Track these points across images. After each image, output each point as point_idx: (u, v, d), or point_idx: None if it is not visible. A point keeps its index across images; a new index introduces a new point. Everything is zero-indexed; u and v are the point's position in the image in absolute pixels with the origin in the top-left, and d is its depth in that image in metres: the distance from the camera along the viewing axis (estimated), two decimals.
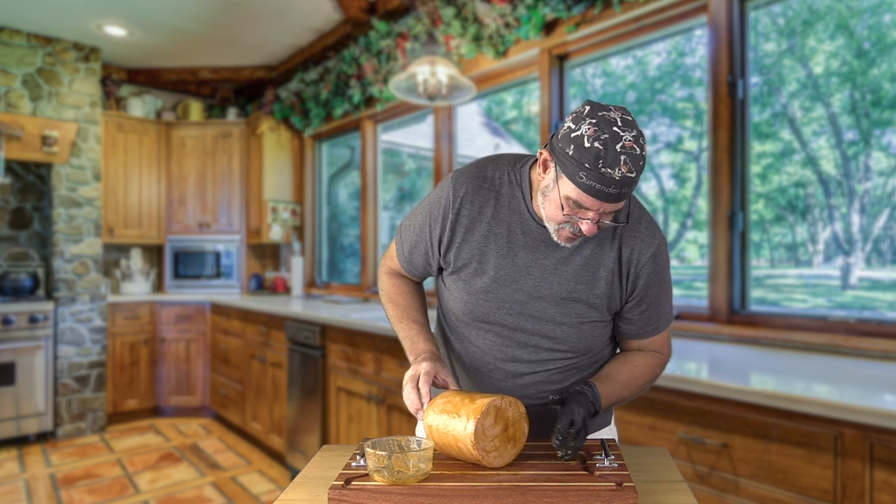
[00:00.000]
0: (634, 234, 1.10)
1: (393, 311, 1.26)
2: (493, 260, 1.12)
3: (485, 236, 1.12)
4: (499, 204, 1.13)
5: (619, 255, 1.10)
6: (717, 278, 2.21)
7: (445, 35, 3.16)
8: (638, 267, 1.10)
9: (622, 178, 0.93)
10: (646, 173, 3.03)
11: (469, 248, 1.13)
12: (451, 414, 0.97)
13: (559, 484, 0.89)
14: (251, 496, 3.19)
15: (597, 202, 0.96)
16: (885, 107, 2.12)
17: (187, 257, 4.99)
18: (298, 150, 4.95)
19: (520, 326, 1.13)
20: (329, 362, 3.13)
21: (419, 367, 1.07)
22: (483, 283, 1.13)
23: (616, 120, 0.94)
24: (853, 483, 1.31)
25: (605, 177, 0.92)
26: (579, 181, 0.95)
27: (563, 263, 1.10)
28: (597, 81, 3.16)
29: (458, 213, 1.13)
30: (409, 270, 1.28)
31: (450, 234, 1.14)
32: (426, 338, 1.18)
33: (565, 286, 1.10)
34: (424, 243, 1.20)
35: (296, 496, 0.95)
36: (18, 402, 3.99)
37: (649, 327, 1.17)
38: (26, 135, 4.06)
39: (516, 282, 1.11)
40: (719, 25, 2.21)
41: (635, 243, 1.10)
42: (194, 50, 4.50)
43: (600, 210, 0.97)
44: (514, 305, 1.12)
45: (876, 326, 1.84)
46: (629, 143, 0.93)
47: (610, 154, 0.92)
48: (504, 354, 1.15)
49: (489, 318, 1.14)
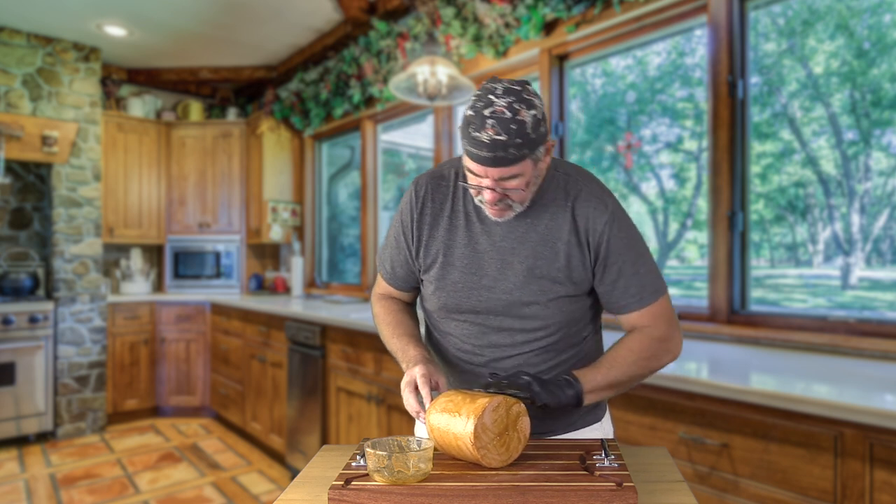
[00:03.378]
0: (586, 203, 1.13)
1: (385, 329, 1.29)
2: (457, 251, 1.17)
3: (447, 230, 1.19)
4: (456, 198, 1.20)
5: (574, 225, 1.13)
6: (717, 278, 2.21)
7: (445, 35, 3.16)
8: (596, 234, 1.12)
9: (491, 140, 0.98)
10: (645, 173, 3.03)
11: (435, 244, 1.20)
12: (452, 413, 0.97)
13: (559, 484, 0.89)
14: (251, 496, 3.19)
15: (480, 167, 1.02)
16: (885, 107, 2.12)
17: (187, 257, 4.99)
18: (298, 150, 4.95)
19: (491, 310, 1.16)
20: (329, 362, 3.13)
21: (412, 371, 1.09)
22: (452, 275, 1.18)
23: (495, 89, 1.01)
24: (853, 483, 1.31)
25: (476, 140, 0.99)
26: (464, 149, 1.03)
27: (520, 243, 1.14)
28: (597, 81, 3.16)
29: (421, 212, 1.20)
30: (396, 286, 1.32)
31: (418, 234, 1.21)
32: (416, 344, 1.20)
33: (526, 264, 1.13)
34: (403, 253, 1.25)
35: (296, 496, 0.95)
36: (18, 402, 3.99)
37: (630, 298, 1.14)
38: (26, 135, 4.06)
39: (481, 268, 1.15)
40: (719, 25, 2.21)
41: (587, 211, 1.12)
42: (194, 50, 4.50)
43: (489, 176, 1.03)
44: (483, 292, 1.15)
45: (876, 326, 1.84)
46: (500, 108, 0.98)
47: (478, 118, 0.99)
48: (482, 341, 1.18)
49: (462, 307, 1.18)
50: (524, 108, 0.99)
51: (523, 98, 1.00)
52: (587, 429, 1.25)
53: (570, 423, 1.23)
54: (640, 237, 1.17)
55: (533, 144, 1.01)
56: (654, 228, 3.09)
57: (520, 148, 0.99)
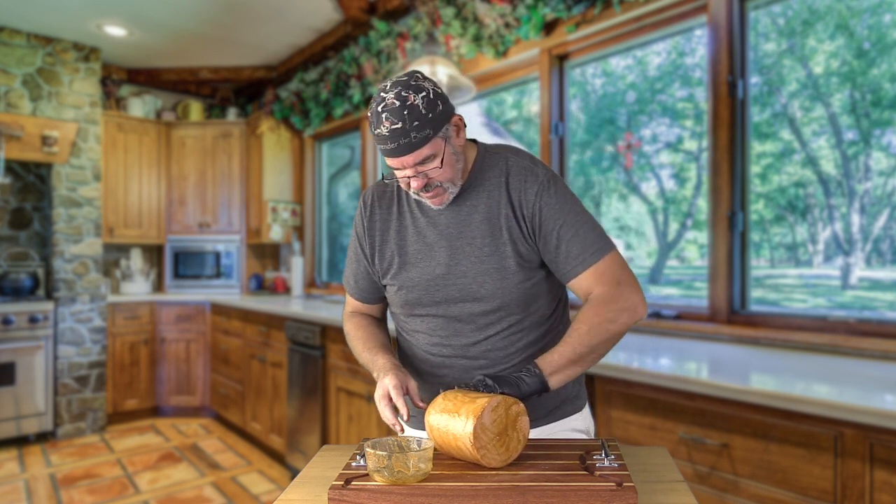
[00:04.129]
0: (517, 176, 1.17)
1: (356, 344, 1.31)
2: (410, 248, 1.22)
3: (397, 231, 1.24)
4: (400, 201, 1.26)
5: (510, 200, 1.16)
6: (717, 278, 2.21)
7: (445, 35, 3.16)
8: (529, 205, 1.15)
9: (390, 131, 1.04)
10: (645, 173, 3.03)
11: (389, 248, 1.25)
12: (452, 413, 0.97)
13: (559, 484, 0.89)
14: (251, 496, 3.18)
15: (395, 160, 1.08)
16: (885, 107, 2.12)
17: (187, 257, 4.99)
18: (298, 150, 4.95)
19: (450, 298, 1.18)
20: (329, 362, 3.13)
21: (384, 382, 1.10)
22: (409, 272, 1.22)
23: (385, 87, 1.07)
24: (853, 483, 1.31)
25: (380, 136, 1.06)
26: (378, 148, 1.09)
27: (465, 226, 1.18)
28: (597, 81, 3.16)
29: (371, 219, 1.27)
30: (362, 298, 1.36)
31: (370, 241, 1.27)
32: (384, 353, 1.22)
33: (473, 244, 1.17)
34: (362, 264, 1.31)
35: (296, 496, 0.95)
36: (18, 402, 3.99)
37: (573, 260, 1.13)
38: (26, 135, 4.06)
39: (433, 259, 1.20)
40: (719, 25, 2.21)
41: (518, 185, 1.16)
42: (194, 50, 4.50)
43: (405, 165, 1.08)
44: (439, 281, 1.19)
45: (876, 326, 1.84)
46: (390, 100, 1.04)
47: (374, 116, 1.06)
48: (447, 331, 1.21)
49: (423, 301, 1.21)
50: (412, 93, 1.05)
51: (409, 84, 1.06)
52: (569, 419, 1.26)
53: (548, 412, 1.23)
54: (578, 201, 1.18)
55: (433, 123, 1.06)
56: (654, 228, 3.09)
57: (420, 129, 1.04)
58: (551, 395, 1.21)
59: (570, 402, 1.27)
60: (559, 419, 1.25)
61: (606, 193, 3.25)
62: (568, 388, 1.26)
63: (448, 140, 1.10)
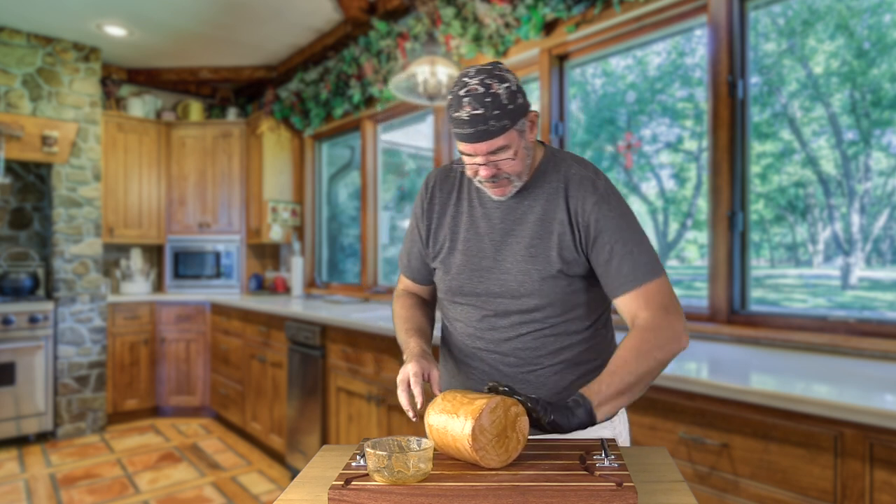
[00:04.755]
0: (577, 185, 1.18)
1: (397, 322, 1.35)
2: (461, 235, 1.25)
3: (453, 217, 1.27)
4: (461, 186, 1.28)
5: (567, 207, 1.18)
6: (717, 278, 2.21)
7: (445, 35, 3.16)
8: (585, 215, 1.16)
9: (470, 116, 1.05)
10: (645, 173, 3.03)
11: (443, 231, 1.28)
12: (451, 414, 0.97)
13: (559, 484, 0.89)
14: (251, 496, 3.19)
15: (469, 145, 1.09)
16: (885, 107, 2.12)
17: (187, 257, 4.99)
18: (298, 150, 4.95)
19: (490, 292, 1.20)
20: (329, 362, 3.13)
21: (406, 368, 1.13)
22: (456, 258, 1.25)
23: (469, 72, 1.09)
24: (853, 483, 1.31)
25: (458, 120, 1.07)
26: (453, 133, 1.10)
27: (518, 224, 1.20)
28: (597, 81, 3.16)
29: (431, 202, 1.30)
30: (412, 277, 1.40)
31: (427, 223, 1.30)
32: (417, 338, 1.25)
33: (522, 243, 1.18)
34: (417, 244, 1.34)
35: (296, 496, 0.95)
36: (18, 402, 3.99)
37: (623, 278, 1.13)
38: (26, 135, 4.06)
39: (481, 251, 1.22)
40: (719, 25, 2.21)
41: (577, 193, 1.17)
42: (194, 50, 4.50)
43: (478, 152, 1.09)
44: (483, 273, 1.21)
45: (876, 326, 1.84)
46: (473, 86, 1.06)
47: (455, 100, 1.08)
48: (483, 325, 1.22)
49: (464, 289, 1.23)
50: (496, 82, 1.07)
51: (494, 74, 1.08)
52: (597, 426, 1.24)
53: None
54: (635, 219, 1.18)
55: (512, 115, 1.07)
56: (654, 228, 3.09)
57: (499, 119, 1.06)
58: None
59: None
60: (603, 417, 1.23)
61: None
62: None
63: (522, 134, 1.11)
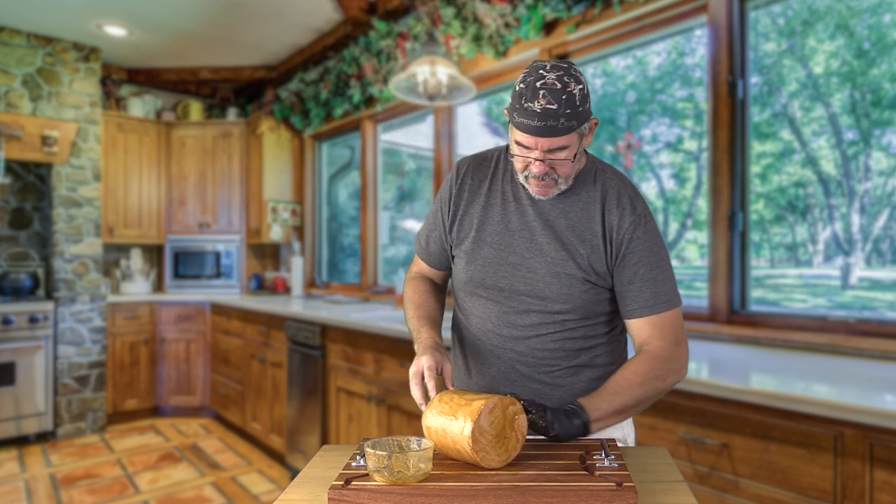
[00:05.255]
0: (617, 203, 1.18)
1: (409, 309, 1.33)
2: (490, 227, 1.22)
3: (483, 207, 1.24)
4: (495, 177, 1.26)
5: (603, 220, 1.17)
6: (717, 278, 2.21)
7: (445, 35, 3.16)
8: (620, 233, 1.16)
9: (543, 109, 1.03)
10: (645, 173, 3.03)
11: (469, 220, 1.25)
12: (449, 416, 0.97)
13: (559, 484, 0.89)
14: (251, 496, 3.19)
15: (531, 138, 1.07)
16: (885, 107, 2.12)
17: (187, 257, 4.99)
18: (298, 150, 4.95)
19: (515, 289, 1.19)
20: (329, 362, 3.13)
21: (420, 361, 1.11)
22: (482, 250, 1.22)
23: (545, 65, 1.06)
24: (853, 483, 1.31)
25: (528, 111, 1.04)
26: (514, 121, 1.08)
27: (550, 226, 1.19)
28: (597, 81, 3.15)
29: (461, 188, 1.27)
30: (428, 261, 1.37)
31: (454, 209, 1.26)
32: (430, 327, 1.23)
33: (553, 245, 1.17)
34: (438, 228, 1.31)
35: (296, 496, 0.95)
36: (18, 402, 3.99)
37: (642, 301, 1.15)
38: (26, 135, 4.06)
39: (510, 245, 1.20)
40: (719, 25, 2.21)
41: (616, 211, 1.17)
42: (194, 50, 4.50)
43: (539, 147, 1.07)
44: (509, 268, 1.19)
45: (876, 326, 1.84)
46: (550, 80, 1.04)
47: (529, 90, 1.04)
48: (502, 321, 1.21)
49: (487, 282, 1.21)
50: (573, 82, 1.05)
51: (571, 73, 1.06)
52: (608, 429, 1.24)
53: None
54: (664, 247, 1.19)
55: (580, 117, 1.06)
56: None
57: (569, 118, 1.04)
58: None
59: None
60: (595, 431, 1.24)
61: None
62: None
63: (582, 139, 1.11)
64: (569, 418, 1.04)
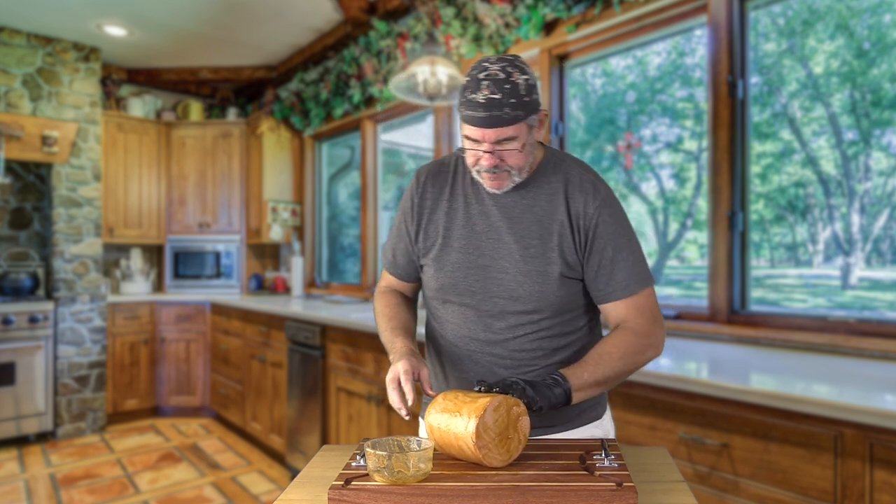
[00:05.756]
0: (579, 189, 1.18)
1: (380, 322, 1.30)
2: (455, 232, 1.21)
3: (446, 212, 1.23)
4: (455, 182, 1.25)
5: (568, 209, 1.17)
6: (717, 278, 2.21)
7: (445, 35, 3.16)
8: (587, 218, 1.16)
9: (487, 100, 1.04)
10: (645, 173, 3.03)
11: (434, 227, 1.24)
12: (453, 413, 0.97)
13: (559, 484, 0.89)
14: (251, 496, 3.19)
15: (478, 130, 1.07)
16: (885, 107, 2.12)
17: (187, 257, 4.99)
18: (298, 150, 4.95)
19: (488, 291, 1.18)
20: (329, 362, 3.13)
21: (396, 367, 1.10)
22: (451, 256, 1.21)
23: (489, 59, 1.08)
24: (853, 483, 1.31)
25: (472, 102, 1.05)
26: (461, 115, 1.09)
27: (517, 223, 1.18)
28: (597, 81, 3.16)
29: (422, 196, 1.26)
30: (397, 274, 1.35)
31: (418, 218, 1.26)
32: (404, 336, 1.21)
33: (521, 243, 1.17)
34: (404, 240, 1.30)
35: (296, 496, 0.95)
36: (18, 402, 3.99)
37: (616, 285, 1.16)
38: (26, 135, 4.06)
39: (478, 248, 1.19)
40: (719, 25, 2.21)
41: (579, 196, 1.17)
42: (194, 50, 4.50)
43: (486, 139, 1.07)
44: (479, 271, 1.18)
45: (876, 326, 1.84)
46: (494, 71, 1.05)
47: (473, 82, 1.06)
48: (478, 325, 1.20)
49: (458, 287, 1.20)
50: (517, 72, 1.06)
51: (515, 64, 1.07)
52: (588, 426, 1.25)
53: (569, 419, 1.23)
54: (631, 228, 1.20)
55: (526, 107, 1.06)
56: (654, 228, 3.09)
57: (514, 108, 1.05)
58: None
59: (593, 408, 1.26)
60: (579, 426, 1.24)
61: None
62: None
63: (531, 129, 1.11)
64: (550, 389, 1.05)
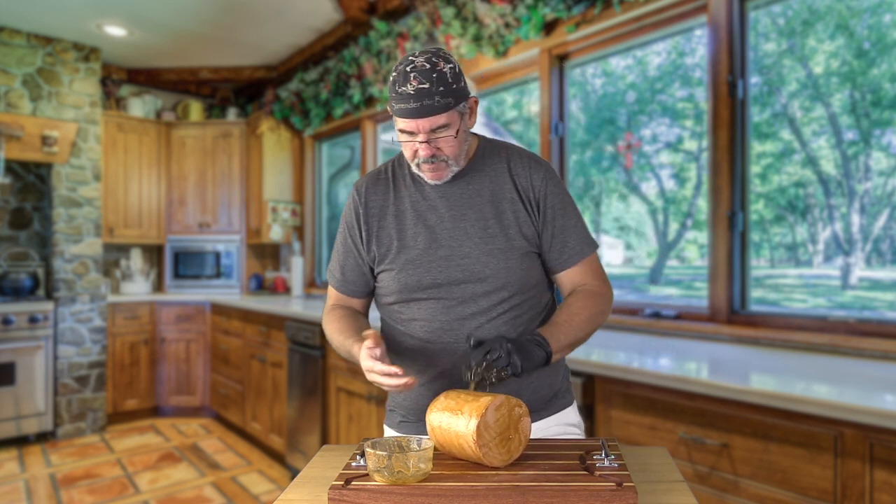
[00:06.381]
0: (522, 164, 1.23)
1: (333, 336, 1.27)
2: (409, 232, 1.22)
3: (395, 216, 1.24)
4: (396, 186, 1.27)
5: (515, 185, 1.21)
6: (717, 278, 2.21)
7: (445, 35, 3.16)
8: (535, 191, 1.21)
9: (416, 90, 1.06)
10: (645, 173, 3.03)
11: (386, 232, 1.24)
12: (454, 412, 0.97)
13: (559, 484, 0.89)
14: (251, 496, 3.19)
15: (411, 121, 1.10)
16: (885, 107, 2.12)
17: (187, 257, 4.99)
18: (298, 150, 4.95)
19: (453, 280, 1.19)
20: (329, 362, 3.13)
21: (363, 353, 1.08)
22: (409, 255, 1.21)
23: (414, 52, 1.11)
24: (853, 483, 1.31)
25: (402, 95, 1.08)
26: (393, 110, 1.11)
27: (469, 208, 1.21)
28: (597, 81, 3.16)
29: (367, 206, 1.26)
30: (348, 291, 1.33)
31: (366, 228, 1.26)
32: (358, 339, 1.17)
33: (478, 225, 1.19)
34: (352, 255, 1.29)
35: (296, 496, 0.95)
36: (18, 402, 3.99)
37: (570, 251, 1.22)
38: (26, 135, 4.06)
39: (435, 241, 1.20)
40: (719, 25, 2.21)
41: (524, 171, 1.22)
42: (194, 50, 4.50)
43: (420, 129, 1.10)
44: (441, 262, 1.19)
45: (876, 326, 1.84)
46: (420, 63, 1.08)
47: (401, 76, 1.08)
48: (449, 316, 1.20)
49: (423, 283, 1.20)
50: (442, 61, 1.09)
51: (440, 55, 1.10)
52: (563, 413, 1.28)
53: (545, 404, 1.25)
54: (572, 196, 1.27)
55: (456, 94, 1.10)
56: (654, 228, 3.09)
57: (444, 95, 1.08)
58: (545, 386, 1.24)
59: (562, 395, 1.29)
60: (554, 412, 1.27)
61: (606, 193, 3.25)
62: (559, 379, 1.29)
63: (463, 117, 1.14)
64: (532, 351, 1.06)
